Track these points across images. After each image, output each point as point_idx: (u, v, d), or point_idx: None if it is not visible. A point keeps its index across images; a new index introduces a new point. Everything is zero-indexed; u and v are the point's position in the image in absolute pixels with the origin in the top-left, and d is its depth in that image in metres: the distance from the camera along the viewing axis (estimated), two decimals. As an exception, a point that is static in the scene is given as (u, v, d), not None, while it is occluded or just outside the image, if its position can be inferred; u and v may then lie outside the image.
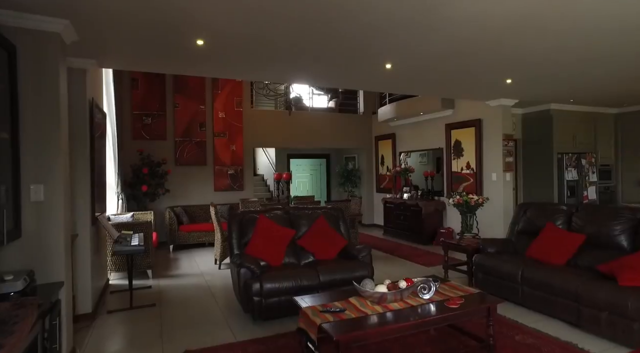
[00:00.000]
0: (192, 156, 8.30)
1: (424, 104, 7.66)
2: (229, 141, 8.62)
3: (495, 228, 6.54)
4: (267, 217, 4.58)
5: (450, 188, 7.59)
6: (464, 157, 7.27)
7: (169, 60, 4.10)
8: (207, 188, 8.46)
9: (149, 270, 5.50)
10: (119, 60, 4.06)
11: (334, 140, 9.83)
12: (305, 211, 4.93)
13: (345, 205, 6.46)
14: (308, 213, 4.90)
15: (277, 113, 9.37)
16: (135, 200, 7.36)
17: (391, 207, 8.64)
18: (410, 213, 7.99)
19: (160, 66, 4.41)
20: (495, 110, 6.64)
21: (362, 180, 10.36)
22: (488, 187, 6.81)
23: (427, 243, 7.65)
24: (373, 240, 8.29)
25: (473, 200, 5.07)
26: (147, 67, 4.48)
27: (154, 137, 7.99)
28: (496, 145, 6.64)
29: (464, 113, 7.27)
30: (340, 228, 4.96)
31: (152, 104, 7.96)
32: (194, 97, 8.30)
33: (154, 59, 4.02)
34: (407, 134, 8.92)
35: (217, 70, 4.67)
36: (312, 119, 9.65)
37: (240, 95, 8.70)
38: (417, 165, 8.67)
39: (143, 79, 7.87)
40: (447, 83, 5.29)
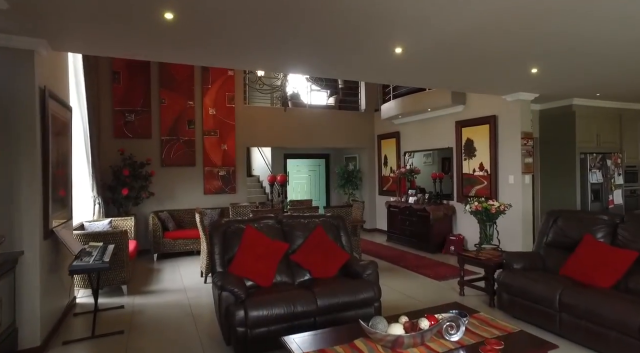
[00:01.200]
0: (180, 156, 7.62)
1: (433, 99, 6.98)
2: (220, 140, 7.94)
3: (513, 238, 5.87)
4: (255, 228, 3.90)
5: (461, 192, 6.91)
6: (476, 158, 6.60)
7: (135, 41, 3.42)
8: (196, 191, 7.78)
9: (124, 286, 4.82)
10: (76, 40, 3.37)
11: (334, 139, 9.15)
12: (300, 220, 4.25)
13: (346, 212, 5.78)
14: (304, 223, 4.21)
15: (273, 110, 8.70)
16: (115, 205, 6.67)
17: (395, 211, 7.96)
18: (417, 219, 7.31)
19: (126, 49, 3.71)
20: (513, 106, 5.96)
21: (364, 182, 9.68)
22: (504, 191, 6.14)
23: (436, 251, 6.97)
24: (376, 247, 7.61)
25: (494, 207, 4.39)
26: (111, 50, 3.80)
27: (137, 136, 7.30)
28: (513, 145, 5.96)
29: (477, 109, 6.59)
30: (341, 240, 4.28)
31: (136, 100, 7.27)
32: (181, 92, 7.61)
33: (117, 39, 3.33)
34: (412, 133, 8.24)
35: (194, 55, 3.98)
36: (310, 116, 8.97)
37: (232, 91, 8.01)
38: (421, 166, 8.00)
39: (125, 72, 7.18)
40: (462, 72, 4.62)
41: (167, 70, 7.49)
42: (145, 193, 6.91)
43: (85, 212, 5.95)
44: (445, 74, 4.68)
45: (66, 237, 3.60)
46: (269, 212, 5.34)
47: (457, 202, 7.03)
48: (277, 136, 8.59)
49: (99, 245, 4.24)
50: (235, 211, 6.57)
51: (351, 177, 9.66)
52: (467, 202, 4.62)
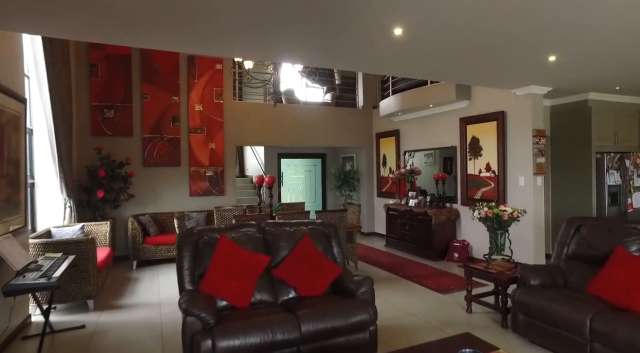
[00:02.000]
0: (164, 156, 7.07)
1: (435, 94, 6.43)
2: (207, 138, 7.39)
3: (524, 247, 5.32)
4: (232, 239, 3.35)
5: (465, 195, 6.36)
6: (482, 157, 6.05)
7: (89, 16, 2.87)
8: (182, 193, 7.23)
9: (90, 301, 4.27)
10: (18, 15, 2.82)
11: (330, 137, 8.59)
12: (285, 229, 3.70)
13: (340, 217, 5.22)
14: (290, 232, 3.66)
15: (265, 106, 8.14)
16: (91, 208, 6.12)
17: (395, 214, 7.41)
18: (418, 223, 6.76)
19: (80, 29, 3.16)
20: (523, 101, 5.41)
21: (362, 183, 9.13)
22: (513, 194, 5.59)
23: (438, 258, 6.42)
24: (374, 254, 7.06)
25: (506, 214, 3.84)
26: (62, 30, 3.22)
27: (117, 133, 6.75)
28: (524, 143, 5.41)
29: (483, 104, 6.04)
30: (332, 251, 3.73)
31: (115, 94, 6.72)
32: (165, 86, 7.06)
33: (66, 14, 2.78)
34: (413, 131, 7.69)
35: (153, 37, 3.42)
36: (304, 113, 8.41)
37: (220, 85, 7.46)
38: (422, 166, 7.44)
39: (104, 65, 6.62)
40: (470, 60, 4.07)
41: (150, 63, 6.94)
42: (124, 196, 6.36)
43: (57, 216, 5.40)
44: (451, 63, 4.13)
45: (6, 249, 3.04)
46: (255, 217, 4.79)
47: (461, 205, 6.48)
48: (269, 134, 8.04)
49: (56, 257, 3.69)
50: (220, 215, 6.03)
51: (348, 177, 9.11)
52: (474, 208, 4.07)
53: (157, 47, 3.72)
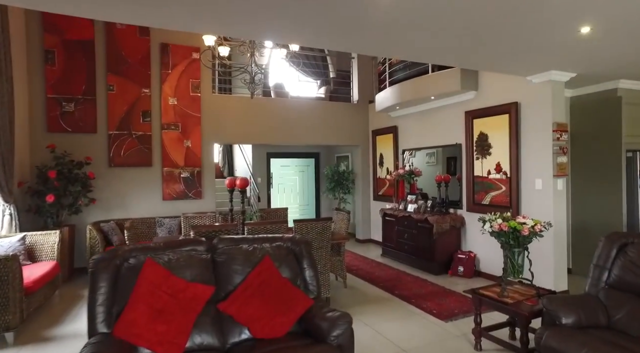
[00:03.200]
0: (133, 155, 6.25)
1: (437, 83, 5.57)
2: (183, 135, 6.57)
3: (542, 263, 4.46)
4: (163, 263, 2.52)
5: (471, 199, 5.49)
6: (491, 157, 5.18)
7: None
8: (153, 197, 6.41)
9: (9, 334, 3.45)
10: None
11: (322, 135, 7.75)
12: (242, 247, 2.86)
13: (323, 227, 4.37)
14: (248, 251, 2.83)
15: (249, 100, 7.30)
16: (42, 215, 5.32)
17: (391, 221, 6.56)
18: (418, 231, 5.90)
19: None
20: (541, 90, 4.54)
21: (357, 185, 8.28)
22: (529, 199, 4.72)
23: (441, 272, 5.56)
24: (367, 265, 6.20)
25: (526, 228, 2.98)
26: None
27: (78, 129, 5.94)
28: (542, 140, 4.55)
29: (493, 95, 5.18)
30: (303, 276, 2.90)
31: (76, 86, 5.92)
32: (134, 77, 6.25)
33: None
34: (412, 127, 6.83)
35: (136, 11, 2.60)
36: (293, 108, 7.57)
37: (197, 77, 6.64)
38: (423, 166, 6.58)
39: (61, 51, 5.82)
40: (479, 38, 3.22)
41: (117, 51, 6.13)
42: (82, 201, 5.55)
43: None
44: (451, 43, 3.28)
45: None
46: (221, 228, 3.96)
47: (466, 211, 5.61)
48: (254, 131, 7.21)
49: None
50: (189, 223, 5.20)
51: (341, 179, 8.26)
52: (485, 219, 3.21)
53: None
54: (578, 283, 4.79)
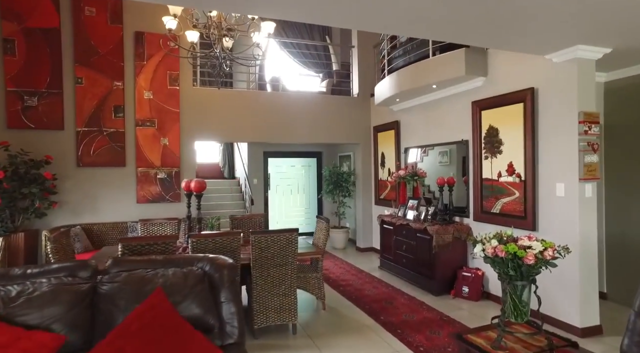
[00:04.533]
0: (104, 154, 5.67)
1: (438, 69, 4.66)
2: (159, 132, 5.94)
3: (564, 288, 3.49)
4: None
5: (479, 206, 4.55)
6: (502, 155, 4.23)
7: None
8: (127, 200, 5.81)
9: None
10: None
11: (319, 132, 6.94)
12: (138, 273, 2.13)
13: (288, 240, 3.56)
14: (142, 279, 2.09)
15: (237, 94, 6.60)
16: (-6, 219, 4.80)
17: (389, 229, 5.68)
18: (417, 243, 5.01)
19: None
20: (564, 71, 3.58)
21: (358, 187, 7.42)
22: (548, 208, 3.76)
23: (442, 292, 4.65)
24: (359, 280, 5.35)
25: (532, 254, 2.08)
26: None
27: (42, 126, 5.41)
28: (564, 134, 3.58)
29: (505, 81, 4.22)
30: (220, 312, 2.15)
31: (40, 78, 5.38)
32: (105, 69, 5.66)
33: None
34: (414, 122, 5.92)
35: None
36: (289, 103, 6.79)
37: (176, 68, 5.99)
38: (435, 167, 5.63)
39: (22, 40, 5.29)
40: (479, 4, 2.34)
41: (86, 40, 5.56)
42: (39, 204, 5.00)
43: None
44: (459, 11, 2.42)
45: None
46: (161, 240, 3.24)
47: (474, 220, 4.67)
48: (243, 128, 6.50)
49: None
50: (147, 231, 4.53)
51: (340, 180, 7.43)
52: (474, 238, 2.34)
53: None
54: (615, 315, 3.78)
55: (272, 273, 3.55)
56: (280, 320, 3.59)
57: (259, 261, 3.49)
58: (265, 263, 3.51)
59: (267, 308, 3.56)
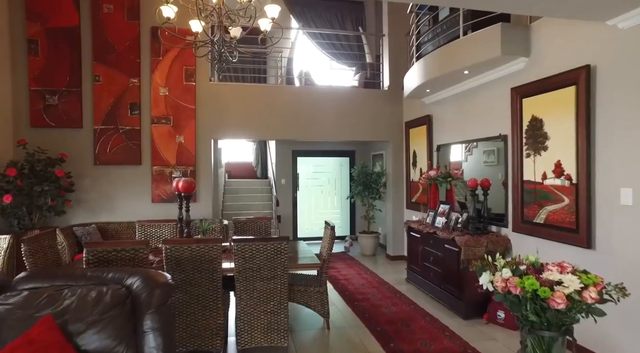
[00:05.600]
0: (120, 152, 5.54)
1: (469, 50, 3.89)
2: (175, 130, 5.70)
3: (624, 336, 2.63)
4: None
5: (519, 215, 3.71)
6: (548, 152, 3.39)
7: None
8: (142, 199, 5.63)
9: None
10: None
11: (347, 128, 6.34)
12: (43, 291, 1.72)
13: (276, 251, 3.03)
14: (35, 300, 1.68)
15: (259, 90, 6.20)
16: (5, 217, 4.77)
17: (416, 237, 4.96)
18: (444, 255, 4.27)
19: None
20: (633, 40, 2.71)
21: (389, 189, 6.71)
22: (608, 220, 2.89)
23: (472, 315, 3.88)
24: (380, 294, 4.69)
25: (560, 295, 1.37)
26: None
27: (62, 124, 5.38)
28: (633, 126, 2.71)
29: (552, 59, 3.38)
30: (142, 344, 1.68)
31: (60, 76, 5.35)
32: (122, 66, 5.52)
33: None
34: (447, 115, 5.14)
35: None
36: (316, 98, 6.24)
37: (192, 63, 5.72)
38: (479, 167, 4.80)
39: (45, 40, 5.29)
40: None
41: (103, 38, 5.46)
42: (52, 202, 4.92)
43: None
44: None
45: None
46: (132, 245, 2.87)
47: (513, 231, 3.85)
48: (265, 125, 6.08)
49: None
50: (144, 232, 4.24)
51: (370, 181, 6.78)
52: (478, 265, 1.67)
53: None
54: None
55: (258, 287, 3.05)
56: (268, 341, 3.08)
57: (243, 273, 3.01)
58: (251, 275, 3.03)
59: (253, 327, 3.07)
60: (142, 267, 2.84)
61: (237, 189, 8.92)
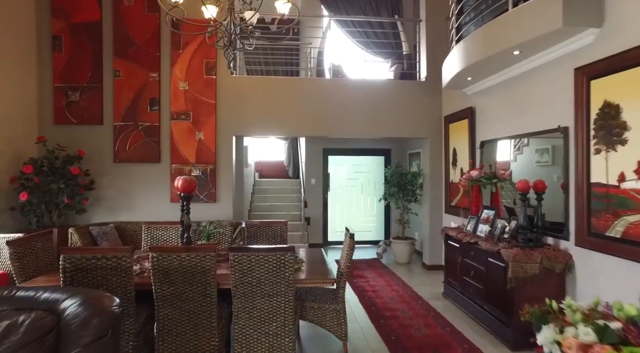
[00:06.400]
0: (139, 149, 5.33)
1: (522, 25, 3.19)
2: (194, 126, 5.40)
3: None
4: None
5: (585, 225, 2.98)
6: (627, 147, 2.64)
7: None
8: (161, 198, 5.39)
9: None
10: None
11: (381, 124, 5.75)
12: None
13: (278, 263, 2.55)
14: None
15: (283, 83, 5.77)
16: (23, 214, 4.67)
17: (455, 247, 4.30)
18: (487, 270, 3.59)
19: None
20: None
21: (425, 191, 6.04)
22: None
23: (521, 346, 3.19)
24: (411, 311, 4.07)
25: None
26: None
27: (83, 121, 5.26)
28: None
29: (632, 29, 2.63)
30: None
31: (82, 72, 5.23)
32: (142, 60, 5.31)
33: None
34: (493, 106, 4.41)
35: None
36: (345, 90, 5.73)
37: (212, 56, 5.40)
38: (531, 168, 4.06)
39: (68, 36, 5.18)
40: None
41: (124, 31, 5.27)
42: (69, 200, 4.76)
43: None
44: None
45: None
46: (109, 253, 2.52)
47: (576, 245, 3.11)
48: (289, 120, 5.64)
49: None
50: (150, 236, 3.92)
51: (404, 182, 6.14)
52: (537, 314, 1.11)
53: None
54: None
55: (258, 305, 2.59)
56: (270, 369, 2.61)
57: (241, 288, 2.56)
58: (250, 291, 2.57)
59: (252, 352, 2.61)
60: (125, 277, 2.48)
61: (267, 189, 8.58)
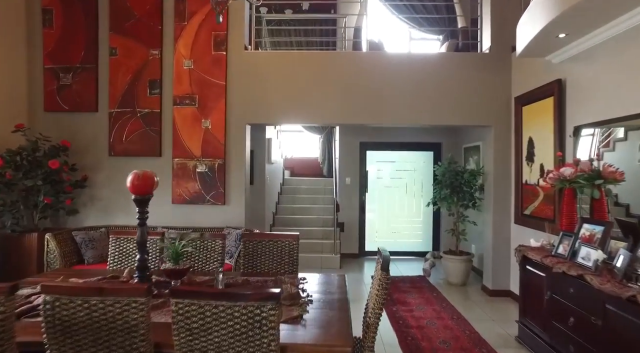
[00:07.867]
0: (137, 140, 4.50)
1: None
2: (200, 112, 4.48)
3: None
4: None
5: None
6: None
7: None
8: (162, 199, 4.52)
9: None
10: None
11: (429, 110, 4.53)
12: None
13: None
14: None
15: (310, 57, 4.68)
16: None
17: (538, 275, 2.99)
18: (605, 322, 2.27)
19: None
20: None
21: (487, 194, 4.69)
22: None
23: None
24: (471, 367, 2.85)
25: None
26: None
27: (76, 107, 4.51)
28: None
29: None
30: None
31: (75, 51, 4.49)
32: (141, 34, 4.47)
33: None
34: (596, 75, 3.04)
35: None
36: (385, 67, 4.56)
37: (222, 28, 4.44)
38: (634, 165, 2.72)
39: (59, 9, 4.46)
40: None
41: (122, 3, 4.46)
42: (49, 199, 4.00)
43: None
44: None
45: None
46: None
47: None
48: (318, 105, 4.57)
49: None
50: (118, 248, 2.99)
51: (459, 183, 4.83)
52: None
53: None
54: None
55: (220, 386, 1.52)
56: None
57: (191, 357, 1.51)
58: (206, 362, 1.51)
59: None
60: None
61: (296, 189, 7.57)
